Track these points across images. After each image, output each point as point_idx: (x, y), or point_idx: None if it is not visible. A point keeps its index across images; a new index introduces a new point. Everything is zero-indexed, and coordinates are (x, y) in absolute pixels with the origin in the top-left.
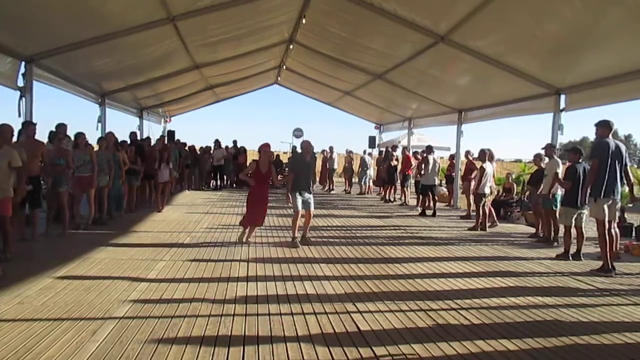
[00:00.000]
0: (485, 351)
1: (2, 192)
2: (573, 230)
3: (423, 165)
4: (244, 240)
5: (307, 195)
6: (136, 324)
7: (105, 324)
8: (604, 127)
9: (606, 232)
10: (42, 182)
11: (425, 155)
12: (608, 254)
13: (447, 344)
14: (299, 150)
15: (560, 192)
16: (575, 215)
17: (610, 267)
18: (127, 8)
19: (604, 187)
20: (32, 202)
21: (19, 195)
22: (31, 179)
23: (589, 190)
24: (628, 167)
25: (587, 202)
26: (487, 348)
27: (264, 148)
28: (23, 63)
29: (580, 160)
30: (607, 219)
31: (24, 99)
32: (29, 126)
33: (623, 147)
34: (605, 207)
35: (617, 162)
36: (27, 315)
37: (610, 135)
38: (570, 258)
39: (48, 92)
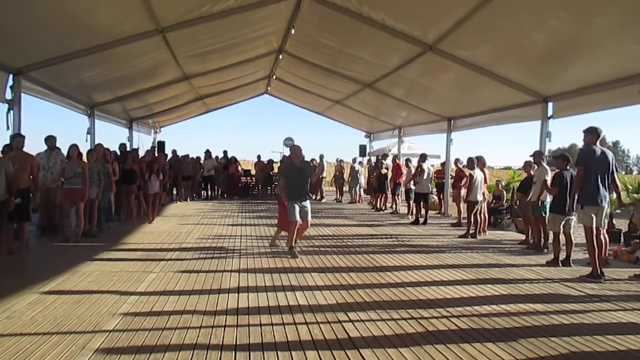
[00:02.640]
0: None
1: None
2: (562, 237)
3: (418, 174)
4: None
5: (304, 203)
6: (127, 337)
7: (95, 337)
8: (591, 133)
9: (594, 238)
10: (31, 195)
11: (420, 163)
12: (597, 260)
13: (439, 352)
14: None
15: (549, 199)
16: (563, 222)
17: (599, 273)
18: (116, 19)
19: (590, 194)
20: (21, 215)
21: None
22: (20, 192)
23: (576, 197)
24: (615, 174)
25: (574, 209)
26: (479, 357)
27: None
28: (11, 75)
29: (567, 167)
30: (594, 226)
31: (12, 111)
32: (16, 138)
33: (610, 154)
34: (593, 214)
35: (603, 168)
36: (15, 330)
37: (598, 142)
38: (560, 264)
39: (37, 105)
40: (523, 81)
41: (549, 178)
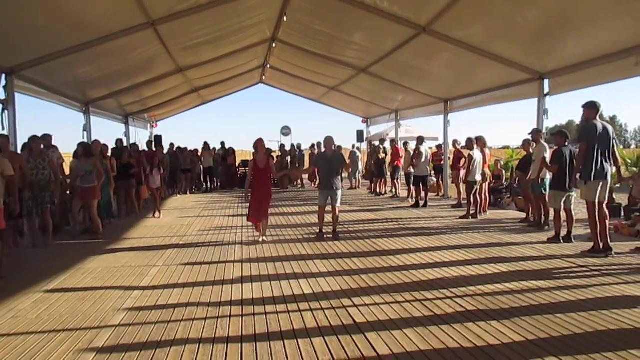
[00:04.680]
0: (483, 339)
1: None
2: (563, 213)
3: (416, 157)
4: (260, 240)
5: (332, 191)
6: (133, 331)
7: (102, 333)
8: (590, 108)
9: (597, 213)
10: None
11: (417, 146)
12: (599, 234)
13: (444, 332)
14: (322, 148)
15: (548, 176)
16: (564, 199)
17: (600, 247)
18: (106, 14)
19: (593, 170)
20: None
21: (13, 208)
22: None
23: (578, 173)
24: (616, 148)
25: (577, 185)
26: (485, 335)
27: (259, 143)
28: (4, 75)
29: (566, 144)
30: (598, 201)
31: (6, 111)
32: (1, 139)
33: (610, 128)
34: (597, 189)
35: (605, 143)
36: (22, 329)
37: (597, 117)
38: (562, 241)
39: (32, 103)
40: (518, 59)
41: (547, 155)
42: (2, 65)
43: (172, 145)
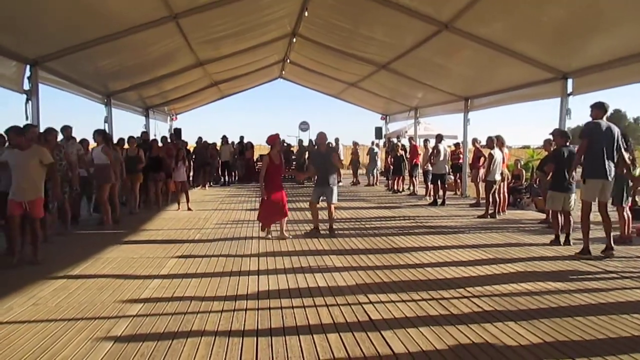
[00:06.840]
0: (501, 340)
1: (35, 192)
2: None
3: (434, 155)
4: (269, 235)
5: (326, 187)
6: (150, 322)
7: (119, 323)
8: (598, 108)
9: (589, 215)
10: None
11: (436, 144)
12: (610, 237)
13: (460, 332)
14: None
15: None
16: (562, 200)
17: (589, 249)
18: (128, 7)
19: (595, 168)
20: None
21: (56, 199)
22: None
23: (576, 172)
24: (622, 150)
25: (575, 184)
26: (501, 336)
27: (276, 139)
28: (28, 66)
29: (567, 144)
30: (597, 201)
31: (30, 102)
32: (29, 129)
33: (616, 129)
34: (597, 188)
35: (609, 143)
36: (42, 316)
37: (604, 117)
38: (561, 243)
39: (55, 95)
40: (542, 58)
41: None
42: (26, 57)
43: (200, 139)
